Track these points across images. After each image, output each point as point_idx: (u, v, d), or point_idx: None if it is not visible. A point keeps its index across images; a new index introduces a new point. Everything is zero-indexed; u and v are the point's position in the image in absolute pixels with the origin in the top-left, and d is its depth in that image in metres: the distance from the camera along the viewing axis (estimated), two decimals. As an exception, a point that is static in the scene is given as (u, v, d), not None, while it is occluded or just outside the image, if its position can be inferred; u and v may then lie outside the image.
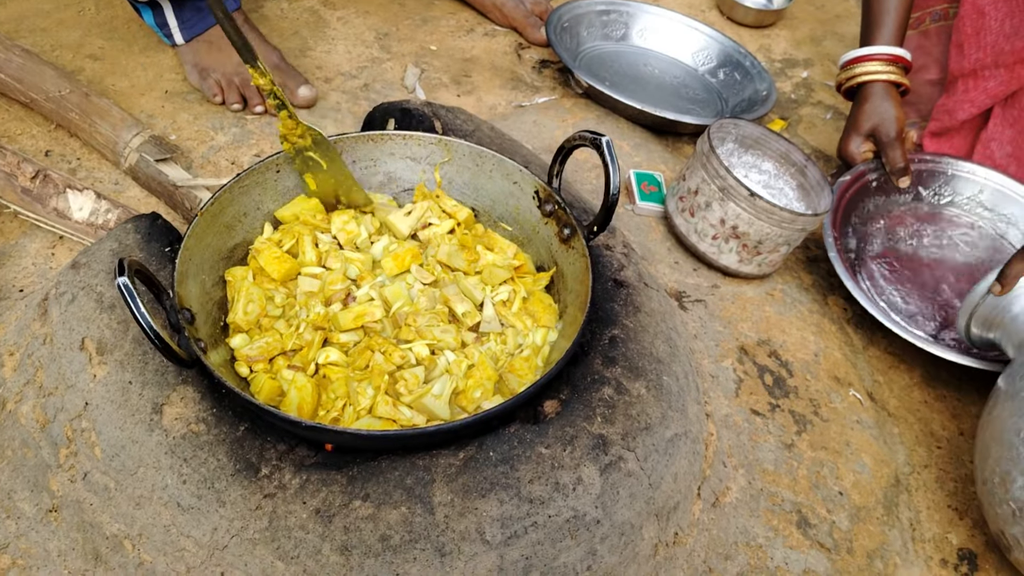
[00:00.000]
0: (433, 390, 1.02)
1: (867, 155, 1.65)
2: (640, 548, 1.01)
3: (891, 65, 1.63)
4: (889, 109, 1.60)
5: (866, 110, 1.62)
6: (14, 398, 1.10)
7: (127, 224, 1.15)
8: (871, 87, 1.63)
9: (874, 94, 1.62)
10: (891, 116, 1.60)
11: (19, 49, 1.56)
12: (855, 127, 1.64)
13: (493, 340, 1.10)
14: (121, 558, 0.98)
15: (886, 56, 1.63)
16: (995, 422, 1.13)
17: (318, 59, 1.91)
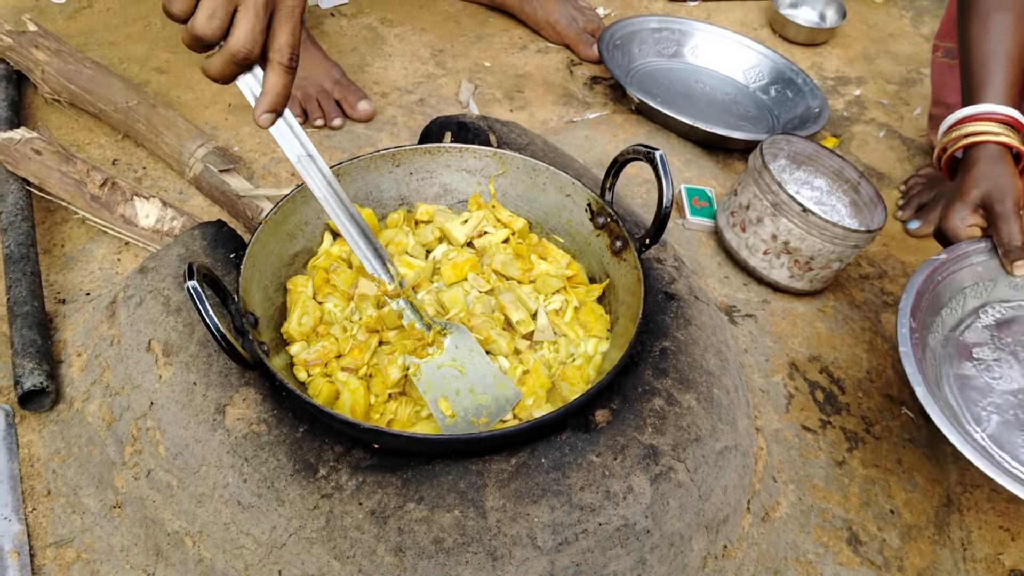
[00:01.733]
0: None
1: (974, 231, 1.32)
2: (689, 560, 1.01)
3: (1006, 127, 1.33)
4: (1006, 175, 1.30)
5: (975, 175, 1.31)
6: (81, 397, 1.14)
7: (194, 231, 1.18)
8: (981, 150, 1.32)
9: (985, 158, 1.32)
10: (1008, 183, 1.29)
11: (89, 61, 1.61)
12: (962, 194, 1.32)
13: (546, 348, 1.11)
14: (181, 554, 1.00)
15: (1000, 116, 1.33)
16: None
17: (376, 74, 1.95)
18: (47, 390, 1.13)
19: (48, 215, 1.45)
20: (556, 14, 2.15)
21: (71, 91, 1.59)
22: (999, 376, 1.21)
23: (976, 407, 1.17)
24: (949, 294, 1.28)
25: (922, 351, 1.17)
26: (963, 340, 1.27)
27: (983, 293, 1.31)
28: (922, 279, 1.23)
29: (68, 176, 1.37)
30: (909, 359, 1.10)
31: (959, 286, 1.29)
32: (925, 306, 1.23)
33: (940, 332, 1.27)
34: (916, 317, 1.19)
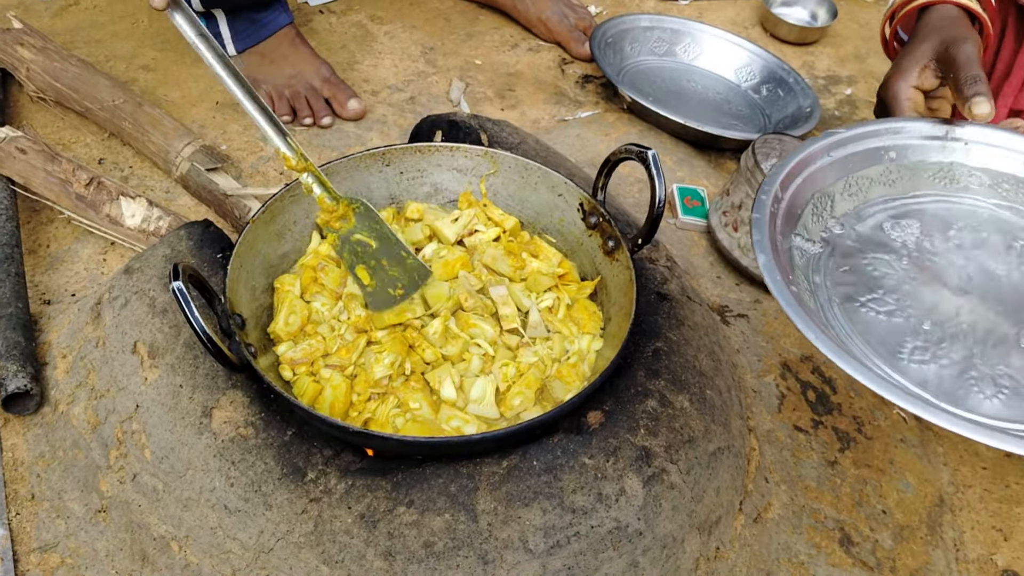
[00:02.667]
0: (472, 394, 1.03)
1: (918, 96, 1.13)
2: (682, 562, 1.01)
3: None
4: (964, 27, 1.14)
5: (925, 31, 1.15)
6: (66, 399, 1.12)
7: (180, 230, 1.17)
8: (934, 11, 1.17)
9: (939, 17, 1.16)
10: (966, 34, 1.11)
11: (75, 59, 1.60)
12: (908, 51, 1.14)
13: (540, 344, 1.10)
14: (168, 559, 0.99)
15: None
16: None
17: (365, 72, 1.93)
18: (31, 393, 1.12)
19: (33, 215, 1.43)
20: (548, 11, 2.14)
21: (57, 89, 1.57)
22: (880, 275, 0.99)
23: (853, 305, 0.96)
24: (813, 195, 1.06)
25: (783, 254, 0.95)
26: (837, 242, 1.04)
27: (857, 194, 1.09)
28: (783, 175, 1.02)
29: (53, 175, 1.35)
30: (763, 247, 0.89)
31: (825, 187, 1.07)
32: (785, 208, 1.01)
33: (811, 234, 1.04)
34: (775, 223, 0.97)
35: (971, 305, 0.92)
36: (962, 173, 1.09)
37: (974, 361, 0.84)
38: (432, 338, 1.07)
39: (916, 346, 0.85)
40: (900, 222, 1.03)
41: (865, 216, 1.04)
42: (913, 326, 0.88)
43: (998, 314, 0.91)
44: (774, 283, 0.83)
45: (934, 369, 0.83)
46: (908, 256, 0.99)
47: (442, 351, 1.07)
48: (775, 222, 0.94)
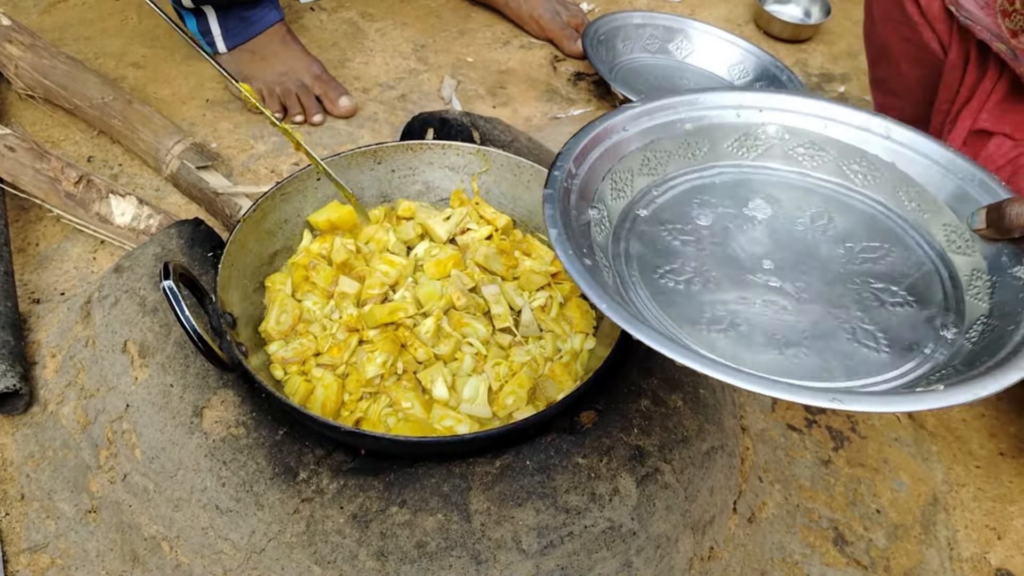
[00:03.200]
0: (465, 393, 1.02)
1: None
2: (676, 561, 1.00)
3: None
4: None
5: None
6: (56, 399, 1.11)
7: (170, 229, 1.16)
8: None
9: None
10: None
11: (64, 56, 1.58)
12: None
13: (532, 343, 1.10)
14: (159, 560, 0.98)
15: None
16: None
17: (356, 70, 1.92)
18: (20, 392, 1.11)
19: (22, 213, 1.42)
20: (540, 9, 2.13)
21: (45, 86, 1.56)
22: (680, 246, 0.95)
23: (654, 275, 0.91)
24: (611, 169, 1.00)
25: (578, 228, 0.90)
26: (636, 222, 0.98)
27: (657, 168, 1.02)
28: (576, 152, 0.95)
29: (42, 173, 1.34)
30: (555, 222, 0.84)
31: (624, 161, 1.01)
32: (581, 184, 0.94)
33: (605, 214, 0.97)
34: (569, 198, 0.91)
35: (770, 271, 0.90)
36: (758, 142, 1.06)
37: (775, 322, 0.83)
38: (424, 337, 1.07)
39: (714, 315, 0.84)
40: (699, 195, 1.00)
41: (665, 189, 1.01)
42: (712, 295, 0.86)
43: (799, 279, 0.90)
44: (565, 257, 0.80)
45: (733, 337, 0.81)
46: (706, 226, 0.96)
47: (434, 350, 1.06)
48: (569, 197, 0.90)
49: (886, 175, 1.02)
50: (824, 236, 0.96)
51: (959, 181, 0.97)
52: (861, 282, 0.89)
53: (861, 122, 1.05)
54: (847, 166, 1.04)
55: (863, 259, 0.92)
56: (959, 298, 0.89)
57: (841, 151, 1.04)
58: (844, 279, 0.90)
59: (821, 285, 0.89)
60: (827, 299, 0.87)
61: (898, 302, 0.88)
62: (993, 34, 1.28)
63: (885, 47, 1.54)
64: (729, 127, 1.05)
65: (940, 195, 0.98)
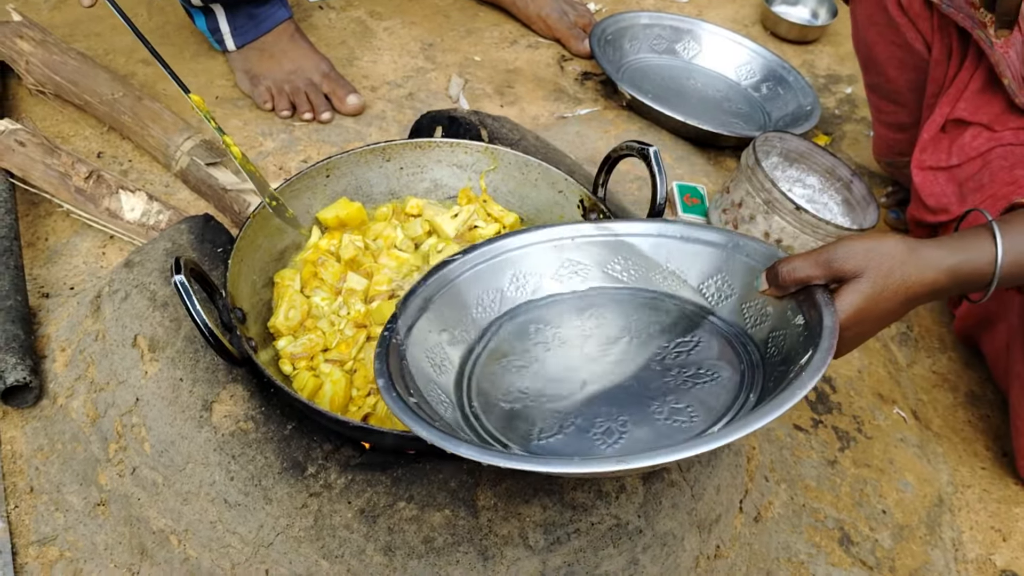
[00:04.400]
0: None
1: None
2: (681, 560, 1.01)
3: None
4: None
5: None
6: (65, 393, 1.12)
7: (180, 224, 1.17)
8: None
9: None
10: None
11: (74, 52, 1.59)
12: None
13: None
14: (167, 553, 0.99)
15: None
16: None
17: (364, 68, 1.93)
18: (30, 385, 1.11)
19: (32, 208, 1.43)
20: (547, 8, 2.13)
21: (56, 82, 1.57)
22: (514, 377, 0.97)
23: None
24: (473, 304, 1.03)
25: None
26: None
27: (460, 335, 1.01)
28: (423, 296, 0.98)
29: (52, 168, 1.35)
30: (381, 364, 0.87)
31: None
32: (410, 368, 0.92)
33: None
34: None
35: (596, 382, 0.93)
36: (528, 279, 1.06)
37: (598, 421, 0.87)
38: None
39: (544, 426, 0.87)
40: (504, 358, 0.99)
41: (482, 349, 1.01)
42: (543, 411, 0.90)
43: (620, 377, 0.93)
44: (389, 398, 0.83)
45: (561, 439, 0.85)
46: (534, 355, 0.98)
47: None
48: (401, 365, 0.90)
49: (641, 263, 1.04)
50: (640, 343, 0.98)
51: (746, 259, 0.99)
52: (675, 373, 0.92)
53: (591, 231, 1.05)
54: (610, 268, 1.05)
55: (676, 354, 0.95)
56: (763, 361, 0.92)
57: (596, 258, 1.05)
58: (657, 375, 0.93)
59: (637, 387, 0.92)
60: (642, 395, 0.90)
61: (704, 381, 0.91)
62: (975, 22, 1.30)
63: (870, 52, 1.55)
64: (503, 277, 1.05)
65: (692, 272, 1.02)
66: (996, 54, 1.30)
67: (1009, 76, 1.32)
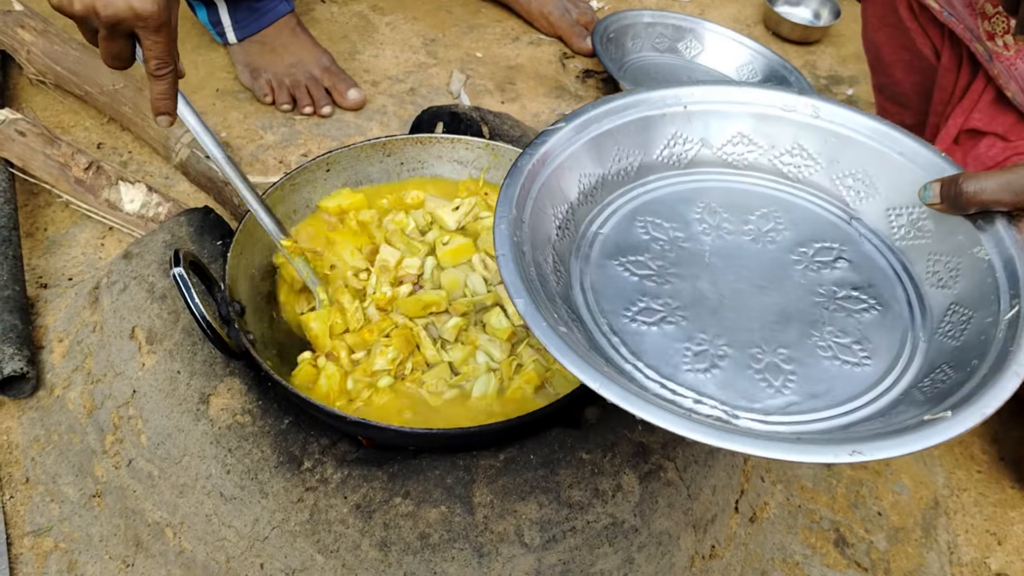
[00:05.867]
0: (474, 391, 1.02)
1: None
2: (677, 559, 1.01)
3: None
4: None
5: None
6: (62, 384, 1.12)
7: (180, 217, 1.17)
8: None
9: None
10: None
11: (75, 43, 1.59)
12: None
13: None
14: (162, 545, 0.99)
15: None
16: None
17: (366, 63, 1.93)
18: (27, 376, 1.11)
19: (31, 198, 1.43)
20: (550, 6, 2.13)
21: (57, 72, 1.56)
22: (639, 281, 0.89)
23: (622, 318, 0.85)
24: (553, 206, 0.93)
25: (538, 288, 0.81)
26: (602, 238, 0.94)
27: (594, 195, 0.96)
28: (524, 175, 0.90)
29: (52, 159, 1.35)
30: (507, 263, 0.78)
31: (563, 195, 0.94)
32: (540, 192, 0.90)
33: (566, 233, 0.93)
34: (523, 208, 0.87)
35: (735, 292, 0.86)
36: (688, 147, 1.01)
37: (754, 352, 0.79)
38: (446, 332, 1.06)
39: (694, 356, 0.80)
40: (641, 217, 0.93)
41: (606, 217, 0.95)
42: (687, 332, 0.82)
43: (761, 291, 0.86)
44: (541, 331, 0.73)
45: (719, 376, 0.78)
46: (661, 254, 0.91)
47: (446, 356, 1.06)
48: (523, 252, 0.82)
49: (821, 162, 0.99)
50: (776, 246, 0.93)
51: (900, 158, 0.93)
52: (825, 292, 0.86)
53: (786, 104, 1.00)
54: (779, 159, 1.00)
55: (819, 265, 0.90)
56: (919, 291, 0.86)
57: (772, 141, 1.00)
58: (806, 293, 0.87)
59: (787, 305, 0.86)
60: (797, 319, 0.84)
61: (863, 308, 0.85)
62: (972, 34, 1.29)
63: (878, 54, 1.55)
64: (658, 135, 1.00)
65: (880, 176, 0.94)
66: (996, 67, 1.29)
67: (1014, 88, 1.31)
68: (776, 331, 0.82)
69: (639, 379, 0.79)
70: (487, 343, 1.06)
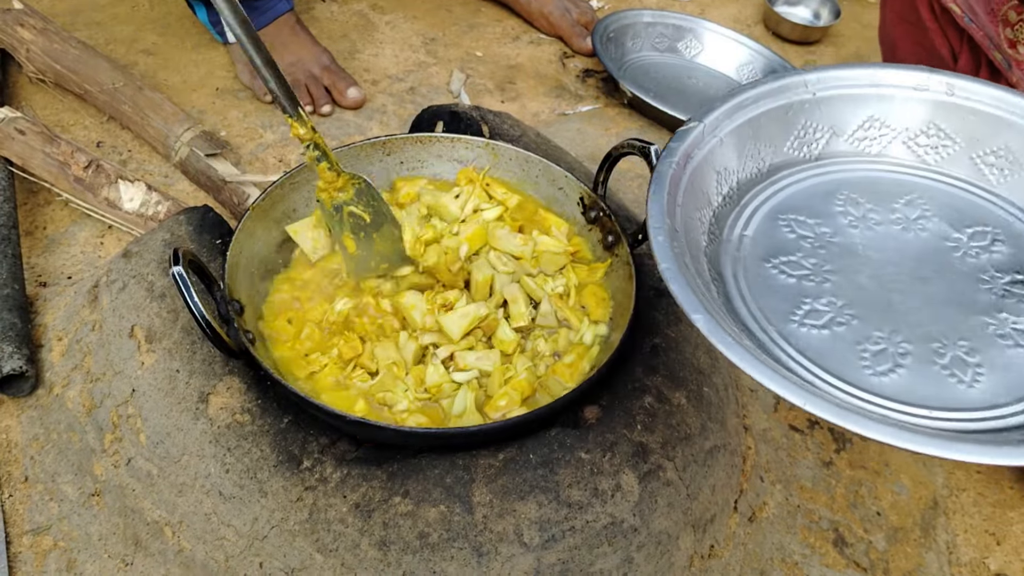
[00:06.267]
0: (454, 408, 1.02)
1: None
2: (676, 559, 1.01)
3: None
4: None
5: None
6: (61, 382, 1.12)
7: (179, 216, 1.16)
8: None
9: None
10: None
11: (75, 41, 1.59)
12: None
13: (543, 340, 1.09)
14: (161, 544, 0.99)
15: None
16: None
17: (366, 62, 1.93)
18: (26, 375, 1.11)
19: (30, 196, 1.43)
20: (550, 5, 2.13)
21: (56, 71, 1.56)
22: (811, 274, 0.88)
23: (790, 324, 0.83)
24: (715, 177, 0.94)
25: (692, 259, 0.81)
26: (750, 236, 0.93)
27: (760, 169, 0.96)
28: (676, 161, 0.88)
29: (52, 157, 1.34)
30: (674, 276, 0.75)
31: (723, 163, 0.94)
32: (684, 198, 0.88)
33: (716, 231, 0.92)
34: (674, 216, 0.84)
35: (898, 285, 0.84)
36: (816, 136, 0.99)
37: (935, 347, 0.77)
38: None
39: (873, 353, 0.77)
40: (784, 215, 0.92)
41: (750, 218, 0.93)
42: (860, 332, 0.79)
43: (924, 282, 0.84)
44: (721, 341, 0.71)
45: (905, 376, 0.75)
46: (812, 251, 0.89)
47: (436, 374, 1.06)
48: (686, 263, 0.80)
49: (960, 142, 0.96)
50: (928, 234, 0.90)
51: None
52: (990, 278, 0.84)
53: (918, 83, 0.98)
54: (913, 141, 0.98)
55: (977, 250, 0.87)
56: None
57: (905, 123, 0.98)
58: (971, 280, 0.84)
59: (954, 294, 0.83)
60: (968, 308, 0.81)
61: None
62: (992, 42, 1.28)
63: (894, 49, 1.54)
64: (788, 127, 0.97)
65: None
66: (1016, 75, 1.26)
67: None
68: (951, 323, 0.79)
69: (829, 391, 0.76)
70: (476, 361, 1.06)
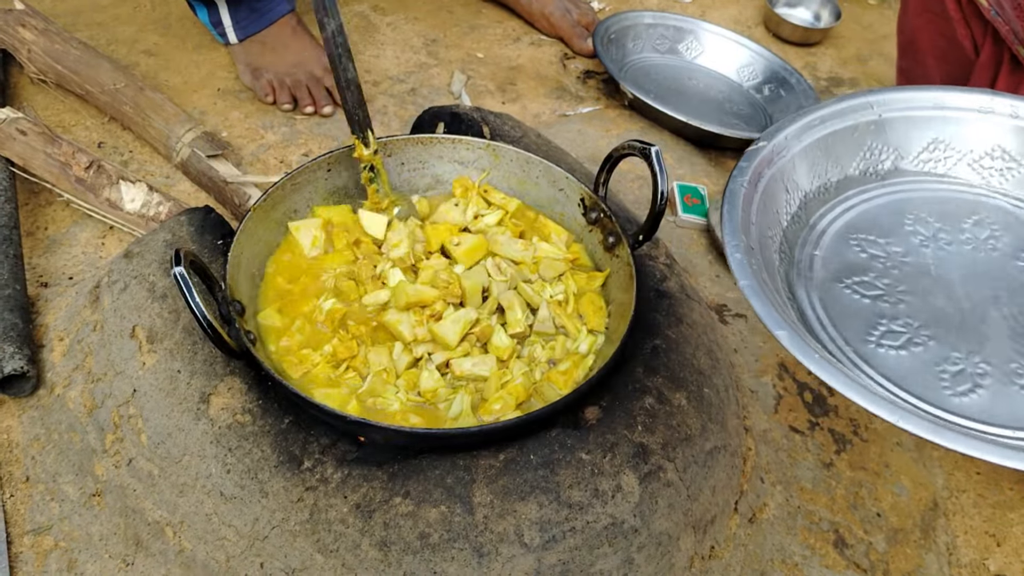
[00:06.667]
0: (451, 411, 1.02)
1: None
2: (676, 560, 1.01)
3: None
4: None
5: None
6: (62, 383, 1.12)
7: (181, 216, 1.17)
8: None
9: None
10: None
11: (76, 42, 1.59)
12: None
13: (539, 346, 1.09)
14: (162, 544, 0.99)
15: None
16: None
17: (367, 63, 1.93)
18: (28, 375, 1.11)
19: (32, 197, 1.43)
20: (551, 6, 2.13)
21: (58, 71, 1.57)
22: (885, 294, 0.88)
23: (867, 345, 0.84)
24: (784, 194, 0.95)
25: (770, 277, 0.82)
26: (821, 254, 0.94)
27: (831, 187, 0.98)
28: (746, 180, 0.90)
29: (53, 158, 1.35)
30: (755, 293, 0.78)
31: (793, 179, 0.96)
32: (757, 216, 0.89)
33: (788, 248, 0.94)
34: (748, 234, 0.85)
35: (973, 304, 0.84)
36: (882, 156, 1.00)
37: (1015, 368, 0.77)
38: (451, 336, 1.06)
39: (952, 374, 0.77)
40: (854, 235, 0.93)
41: (819, 237, 0.94)
42: (938, 353, 0.79)
43: (998, 301, 0.84)
44: (818, 366, 0.71)
45: (987, 397, 0.75)
46: (885, 271, 0.90)
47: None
48: (764, 280, 0.82)
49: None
50: (999, 253, 0.90)
51: None
52: None
53: (982, 105, 0.98)
54: (978, 163, 0.98)
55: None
56: None
57: (971, 145, 0.98)
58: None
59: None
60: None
61: None
62: (1017, 37, 1.28)
63: (914, 39, 1.53)
64: (853, 147, 0.98)
65: None
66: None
67: None
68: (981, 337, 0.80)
69: (915, 410, 0.76)
70: (472, 367, 1.06)
